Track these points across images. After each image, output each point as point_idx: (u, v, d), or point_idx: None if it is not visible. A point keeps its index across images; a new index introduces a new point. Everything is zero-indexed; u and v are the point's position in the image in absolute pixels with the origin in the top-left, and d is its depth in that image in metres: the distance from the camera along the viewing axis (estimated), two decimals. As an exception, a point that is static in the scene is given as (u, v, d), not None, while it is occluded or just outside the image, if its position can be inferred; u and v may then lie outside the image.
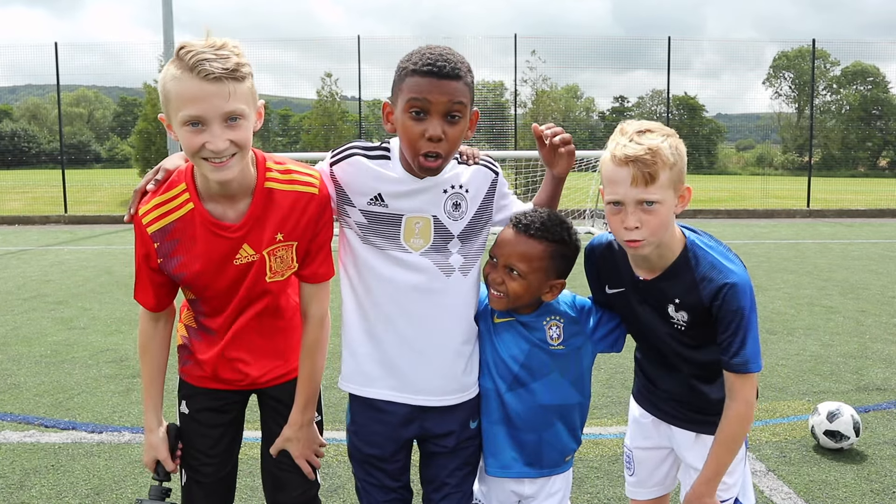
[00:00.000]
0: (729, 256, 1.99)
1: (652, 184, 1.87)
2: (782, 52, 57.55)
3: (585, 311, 2.19)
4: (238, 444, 2.25)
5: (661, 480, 2.32)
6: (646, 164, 1.85)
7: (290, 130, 33.44)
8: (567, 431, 2.17)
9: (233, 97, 1.74)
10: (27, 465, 3.64)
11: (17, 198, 20.80)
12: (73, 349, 5.78)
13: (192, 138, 1.75)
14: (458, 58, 1.86)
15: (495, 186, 2.07)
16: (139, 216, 1.93)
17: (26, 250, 11.74)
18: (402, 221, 1.96)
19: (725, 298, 1.90)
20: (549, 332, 2.11)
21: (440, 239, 1.97)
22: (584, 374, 2.18)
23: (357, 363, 2.06)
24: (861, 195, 23.51)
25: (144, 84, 22.03)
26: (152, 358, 2.10)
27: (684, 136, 2.03)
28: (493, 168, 2.08)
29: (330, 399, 4.02)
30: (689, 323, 2.00)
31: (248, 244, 1.93)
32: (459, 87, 1.82)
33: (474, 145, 2.18)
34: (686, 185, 1.95)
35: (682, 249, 1.99)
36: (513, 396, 2.11)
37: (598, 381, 4.87)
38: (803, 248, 11.82)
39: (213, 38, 1.75)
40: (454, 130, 1.84)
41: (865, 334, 6.17)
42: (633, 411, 2.35)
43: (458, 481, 2.10)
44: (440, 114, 1.82)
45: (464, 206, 1.99)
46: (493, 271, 2.06)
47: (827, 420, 3.70)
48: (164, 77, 1.77)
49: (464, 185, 1.99)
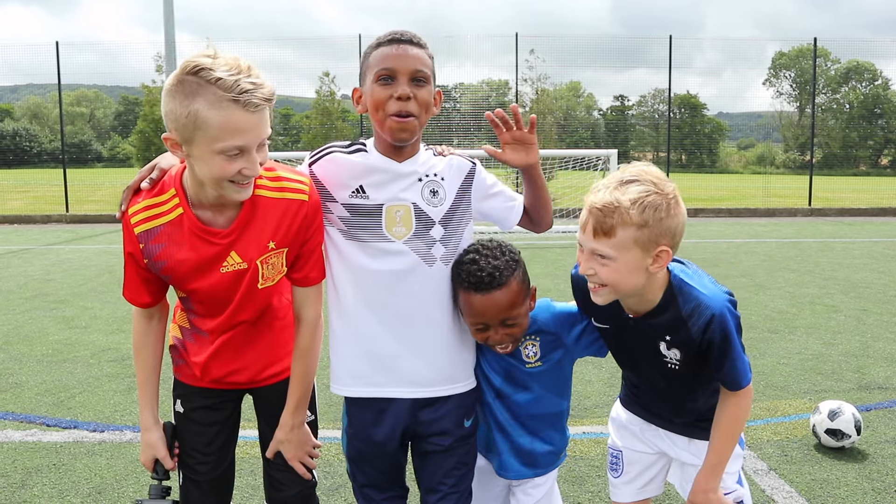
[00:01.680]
0: (710, 286, 1.96)
1: (606, 238, 1.83)
2: (782, 52, 57.49)
3: (566, 321, 2.15)
4: (234, 443, 2.25)
5: (649, 482, 2.29)
6: (602, 217, 1.82)
7: (291, 130, 33.43)
8: (557, 433, 2.21)
9: (267, 123, 1.79)
10: (29, 464, 3.64)
11: (18, 197, 20.82)
12: (75, 348, 5.78)
13: (228, 166, 1.75)
14: (419, 36, 2.00)
15: (473, 176, 2.11)
16: (128, 215, 1.93)
17: (28, 249, 11.76)
18: (383, 211, 2.00)
19: (713, 331, 1.88)
20: (524, 351, 2.11)
21: (422, 225, 2.00)
22: (566, 381, 2.20)
23: (344, 364, 2.08)
24: (862, 194, 23.50)
25: (143, 85, 22.02)
26: (147, 356, 2.10)
27: (685, 135, 1.99)
28: (469, 160, 2.14)
29: (331, 399, 4.03)
30: (682, 361, 1.98)
31: (236, 251, 1.92)
32: (422, 55, 1.96)
33: (475, 145, 2.20)
34: (665, 248, 1.83)
35: (666, 287, 1.94)
36: (500, 405, 2.15)
37: (599, 380, 4.87)
38: (805, 246, 11.81)
39: (237, 61, 1.72)
40: (422, 92, 1.94)
41: (867, 333, 6.16)
42: (619, 415, 2.32)
43: (456, 481, 2.11)
44: (407, 77, 1.93)
45: (441, 193, 2.04)
46: (491, 335, 2.02)
47: (828, 419, 3.70)
48: (189, 104, 1.68)
49: (438, 173, 2.06)
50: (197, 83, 1.68)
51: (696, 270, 2.01)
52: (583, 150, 22.26)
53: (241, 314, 2.03)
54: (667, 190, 1.83)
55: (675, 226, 1.84)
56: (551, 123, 24.44)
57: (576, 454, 3.72)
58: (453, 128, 22.40)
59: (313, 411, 2.20)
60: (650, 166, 1.88)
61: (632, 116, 54.91)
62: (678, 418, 2.16)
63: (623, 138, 44.61)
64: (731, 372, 1.93)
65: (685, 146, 45.45)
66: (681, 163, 41.86)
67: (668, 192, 1.83)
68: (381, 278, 1.99)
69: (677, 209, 1.84)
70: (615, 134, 44.97)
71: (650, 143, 50.65)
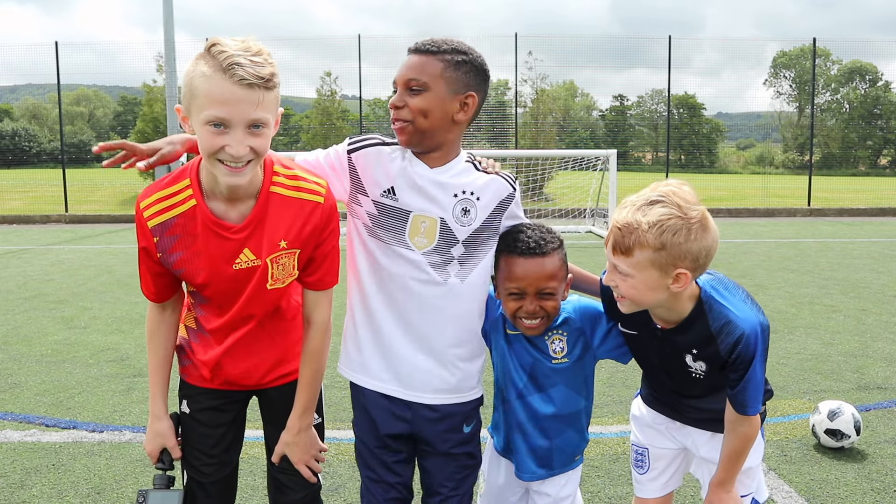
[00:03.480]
0: (744, 306, 1.95)
1: (624, 256, 1.85)
2: (783, 52, 57.50)
3: (592, 319, 2.16)
4: (239, 445, 2.24)
5: (672, 475, 2.34)
6: (621, 237, 1.84)
7: (291, 130, 33.40)
8: (577, 434, 2.20)
9: (261, 105, 1.73)
10: (28, 464, 3.64)
11: (17, 197, 20.81)
12: (74, 348, 5.78)
13: (213, 139, 1.74)
14: (447, 40, 1.97)
15: (510, 202, 2.08)
16: (140, 209, 1.91)
17: (27, 249, 11.75)
18: (409, 218, 1.97)
19: (741, 350, 1.89)
20: (551, 346, 2.12)
21: (444, 242, 1.99)
22: (587, 379, 2.20)
23: (359, 351, 2.08)
24: (862, 194, 23.51)
25: (143, 84, 21.97)
26: (159, 345, 2.09)
27: (685, 135, 1.99)
28: (512, 184, 2.09)
29: (331, 398, 4.02)
30: (707, 371, 2.00)
31: (250, 248, 1.91)
32: (425, 61, 1.93)
33: (475, 144, 2.20)
34: (683, 271, 1.83)
35: (696, 303, 1.94)
36: (521, 406, 2.14)
37: (599, 380, 4.87)
38: (804, 246, 11.81)
39: (249, 42, 1.73)
40: (414, 101, 1.92)
41: (866, 333, 6.17)
42: (641, 414, 2.34)
43: (456, 484, 2.11)
44: (402, 85, 1.94)
45: (473, 212, 2.01)
46: (525, 304, 2.02)
47: (828, 419, 3.70)
48: (191, 72, 1.74)
49: (475, 192, 2.01)
50: (203, 55, 1.73)
51: (731, 286, 2.00)
52: (582, 150, 22.25)
53: (248, 312, 2.01)
54: (691, 214, 1.81)
55: (697, 250, 1.82)
56: (551, 124, 24.39)
57: (575, 454, 3.72)
58: (452, 128, 22.32)
59: (320, 413, 2.20)
60: (684, 186, 1.86)
61: (631, 117, 54.93)
62: (700, 416, 2.17)
63: (623, 138, 44.64)
64: (742, 393, 1.93)
65: (684, 146, 45.50)
66: (680, 163, 41.85)
67: (691, 216, 1.81)
68: (397, 281, 1.99)
69: (701, 233, 1.82)
70: (615, 134, 44.98)
71: (649, 143, 50.66)
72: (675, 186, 1.86)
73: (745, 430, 1.98)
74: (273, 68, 1.74)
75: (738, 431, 1.99)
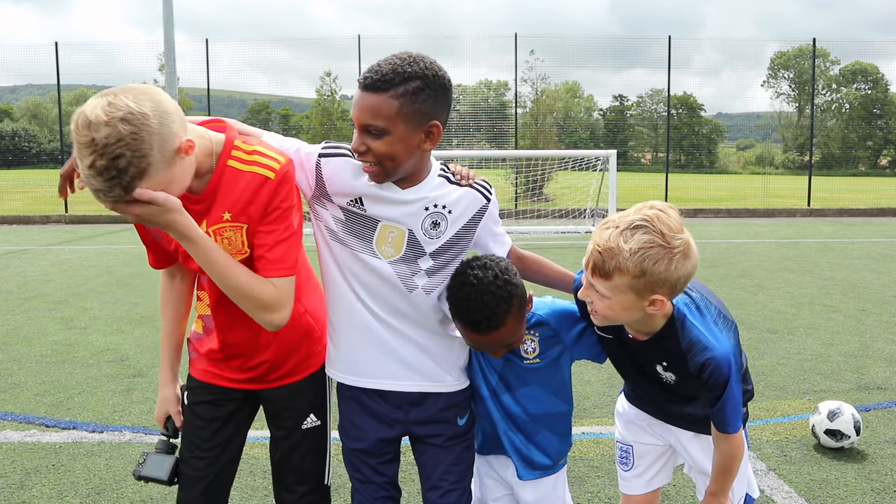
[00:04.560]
0: (714, 329, 1.94)
1: (602, 279, 1.83)
2: (782, 52, 57.51)
3: (567, 319, 2.15)
4: (235, 445, 2.21)
5: (658, 472, 2.34)
6: (601, 260, 1.82)
7: (291, 130, 33.44)
8: (557, 437, 2.20)
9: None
10: (28, 464, 3.64)
11: (17, 197, 20.80)
12: (74, 349, 5.78)
13: None
14: (395, 66, 1.79)
15: (484, 212, 2.03)
16: None
17: (27, 250, 11.75)
18: (378, 227, 1.96)
19: (710, 372, 1.89)
20: (522, 347, 2.11)
21: (411, 252, 1.96)
22: (565, 383, 2.19)
23: (336, 348, 2.10)
24: (862, 194, 23.53)
25: (144, 84, 22.00)
26: (169, 312, 2.17)
27: (684, 136, 1.97)
28: (486, 194, 2.03)
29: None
30: (677, 381, 2.01)
31: (208, 221, 1.90)
32: (378, 102, 1.78)
33: (475, 145, 2.18)
34: (660, 297, 1.81)
35: (668, 320, 1.93)
36: (495, 403, 2.14)
37: (599, 380, 4.87)
38: (804, 247, 11.82)
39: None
40: (376, 144, 1.82)
41: (866, 333, 6.17)
42: (625, 410, 2.35)
43: (457, 478, 2.11)
44: (360, 128, 1.83)
45: (443, 225, 1.97)
46: (490, 354, 2.07)
47: (828, 419, 3.70)
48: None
49: (448, 205, 1.97)
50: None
51: (704, 306, 1.99)
52: (582, 150, 22.24)
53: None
54: (674, 243, 1.78)
55: (676, 278, 1.80)
56: (551, 124, 24.41)
57: (575, 454, 3.72)
58: (452, 129, 22.38)
59: (323, 417, 2.19)
60: (670, 210, 1.82)
61: (631, 117, 54.93)
62: (680, 416, 2.18)
63: (622, 139, 44.62)
64: (721, 412, 1.93)
65: (684, 147, 45.48)
66: (680, 163, 41.84)
67: (674, 245, 1.78)
68: (364, 285, 1.99)
69: (682, 262, 1.80)
70: (614, 134, 44.98)
71: (649, 143, 50.63)
72: (660, 210, 1.81)
73: (727, 448, 1.99)
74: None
75: (722, 449, 2.00)
